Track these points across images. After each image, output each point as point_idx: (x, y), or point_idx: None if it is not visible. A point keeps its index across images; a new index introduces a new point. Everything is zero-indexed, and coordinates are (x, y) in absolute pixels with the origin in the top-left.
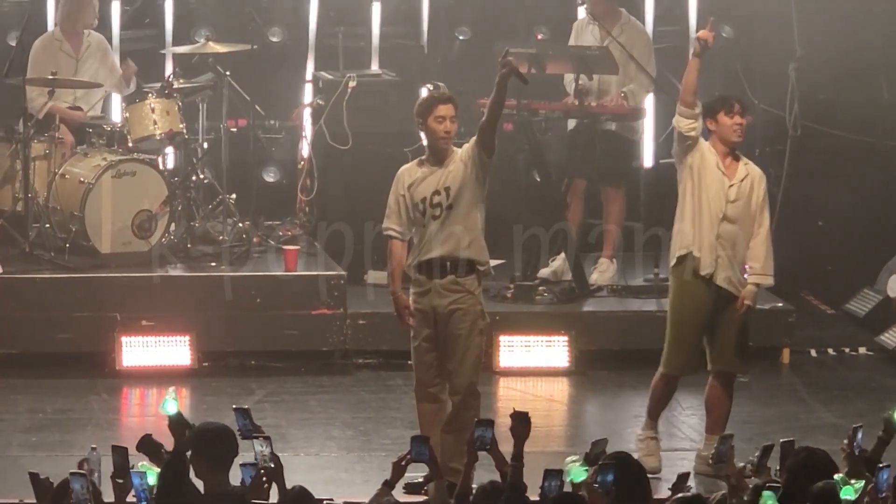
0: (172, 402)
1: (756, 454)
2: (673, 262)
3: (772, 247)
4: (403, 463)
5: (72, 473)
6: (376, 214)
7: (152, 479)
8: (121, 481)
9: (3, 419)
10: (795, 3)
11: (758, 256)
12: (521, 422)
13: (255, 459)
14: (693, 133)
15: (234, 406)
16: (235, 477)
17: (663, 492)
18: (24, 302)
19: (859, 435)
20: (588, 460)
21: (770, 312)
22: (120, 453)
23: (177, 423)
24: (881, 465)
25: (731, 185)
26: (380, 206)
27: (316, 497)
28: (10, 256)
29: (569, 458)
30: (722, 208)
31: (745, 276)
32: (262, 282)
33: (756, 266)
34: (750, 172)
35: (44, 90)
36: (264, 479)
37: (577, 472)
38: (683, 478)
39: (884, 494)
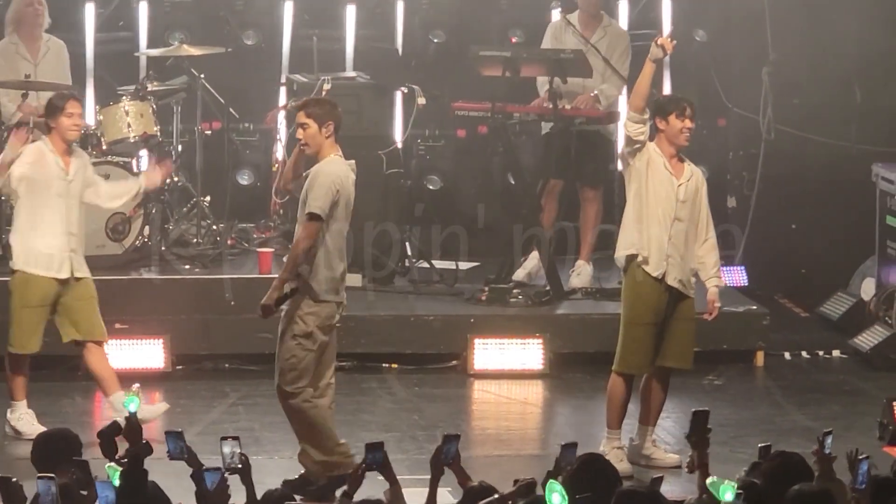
0: (135, 400)
1: (744, 469)
2: (621, 263)
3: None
4: (360, 472)
5: (39, 477)
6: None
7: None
8: (85, 493)
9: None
10: (769, 7)
11: (708, 256)
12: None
13: (223, 462)
14: (641, 137)
15: (166, 430)
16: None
17: None
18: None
19: (829, 440)
20: (558, 465)
21: (744, 315)
22: (81, 466)
23: (135, 423)
24: (860, 457)
25: (680, 185)
26: (355, 208)
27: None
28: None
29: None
30: (673, 208)
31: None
32: (236, 284)
33: (710, 266)
34: (694, 173)
35: (13, 95)
36: (228, 484)
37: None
38: (657, 481)
39: (863, 486)
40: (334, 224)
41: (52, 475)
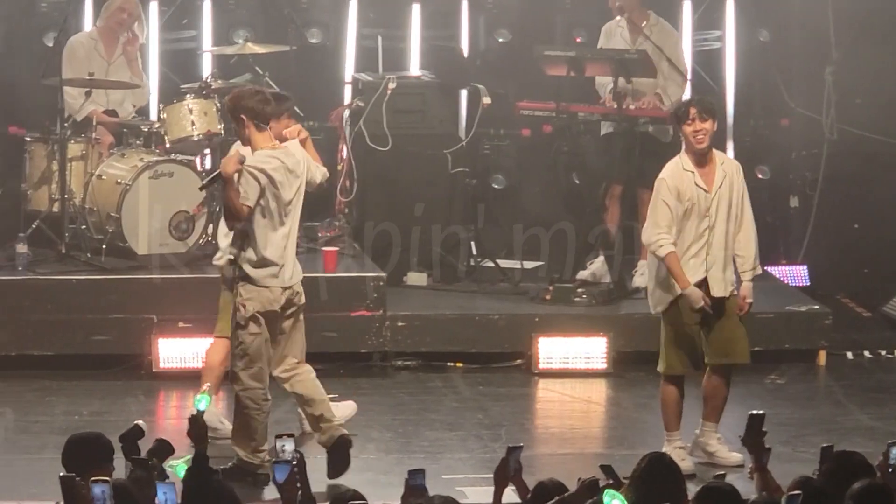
0: (206, 399)
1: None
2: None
3: (756, 234)
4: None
5: (93, 481)
6: (416, 216)
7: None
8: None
9: (38, 421)
10: (832, 7)
11: (746, 249)
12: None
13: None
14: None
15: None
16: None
17: None
18: (60, 304)
19: (894, 451)
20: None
21: (806, 315)
22: (144, 465)
23: (200, 422)
24: (890, 442)
25: (712, 198)
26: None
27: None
28: (47, 258)
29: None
30: (710, 221)
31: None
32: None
33: (747, 259)
34: (727, 171)
35: (82, 91)
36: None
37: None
38: (719, 478)
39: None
40: (274, 214)
41: (107, 479)
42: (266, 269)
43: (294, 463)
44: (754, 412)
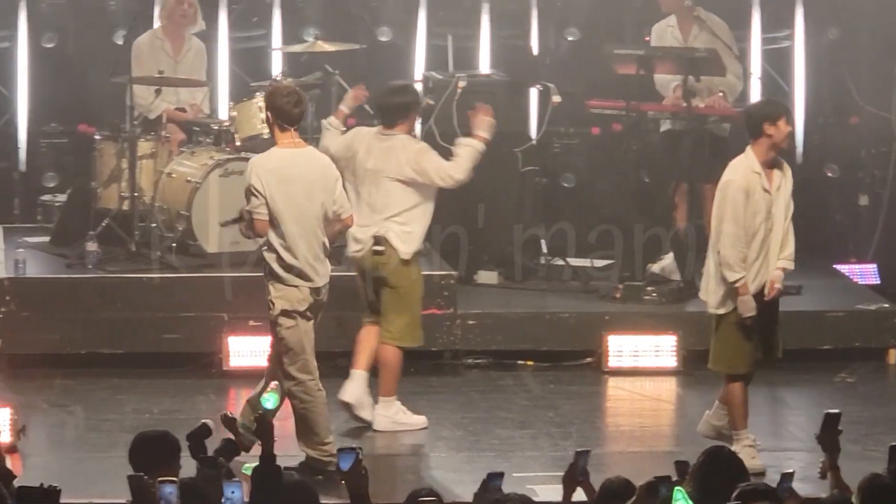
0: (274, 397)
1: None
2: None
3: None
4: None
5: (160, 481)
6: (487, 214)
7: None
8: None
9: (108, 419)
10: None
11: (787, 243)
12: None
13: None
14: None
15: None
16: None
17: None
18: (130, 302)
19: None
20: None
21: (876, 313)
22: (211, 464)
23: (268, 421)
24: None
25: (774, 200)
26: (491, 205)
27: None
28: (116, 256)
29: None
30: (768, 227)
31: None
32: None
33: (784, 252)
34: (784, 171)
35: (151, 90)
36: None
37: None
38: (788, 477)
39: None
40: (280, 216)
41: (174, 479)
42: (291, 270)
43: (359, 451)
44: (830, 411)
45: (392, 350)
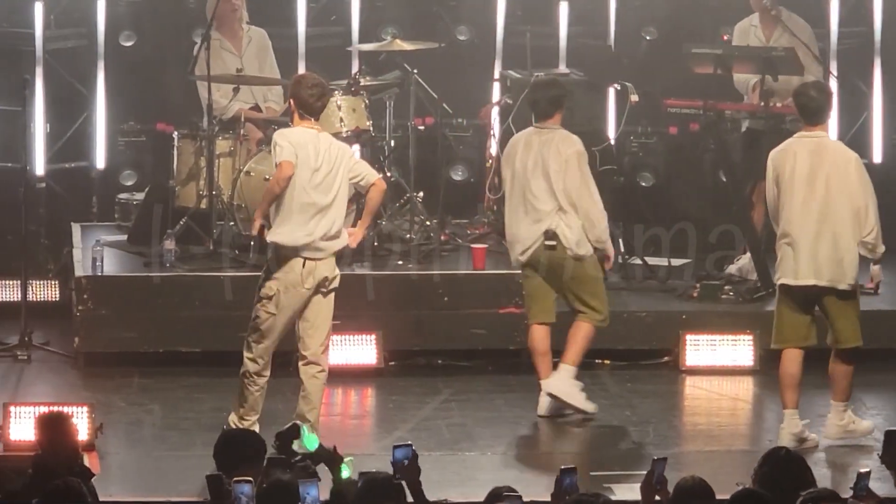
0: (346, 469)
1: None
2: None
3: None
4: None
5: (236, 481)
6: None
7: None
8: None
9: (187, 418)
10: None
11: None
12: None
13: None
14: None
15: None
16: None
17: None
18: (208, 300)
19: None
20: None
21: None
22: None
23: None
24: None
25: None
26: None
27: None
28: (195, 254)
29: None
30: None
31: None
32: (449, 280)
33: None
34: None
35: (224, 90)
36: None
37: None
38: (864, 476)
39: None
40: (302, 188)
41: (250, 479)
42: (298, 244)
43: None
44: (892, 429)
45: (589, 326)
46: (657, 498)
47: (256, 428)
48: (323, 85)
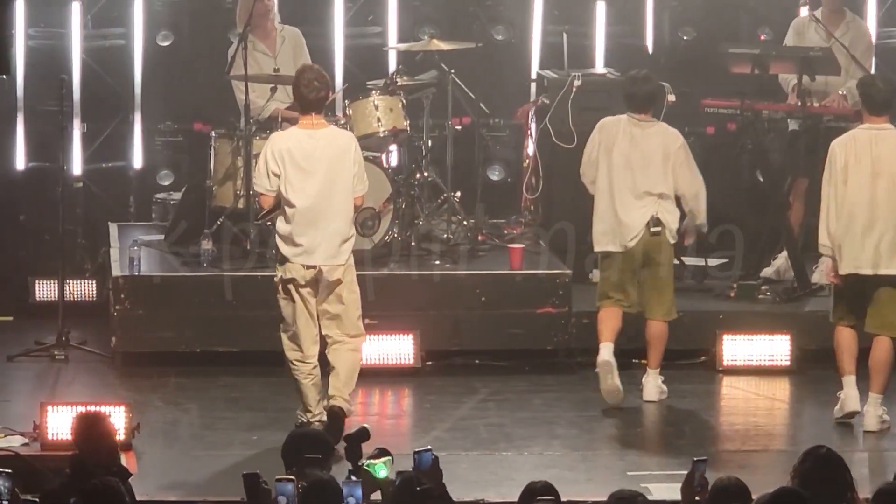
0: (384, 468)
1: None
2: None
3: None
4: None
5: (278, 479)
6: None
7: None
8: None
9: (224, 417)
10: None
11: None
12: None
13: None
14: None
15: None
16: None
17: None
18: (245, 300)
19: None
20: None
21: None
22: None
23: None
24: None
25: None
26: None
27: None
28: (233, 254)
29: None
30: None
31: None
32: (486, 280)
33: None
34: None
35: (261, 91)
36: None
37: None
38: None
39: None
40: (292, 195)
41: (292, 477)
42: (290, 252)
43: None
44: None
45: (664, 326)
46: (696, 499)
47: (323, 418)
48: (322, 79)
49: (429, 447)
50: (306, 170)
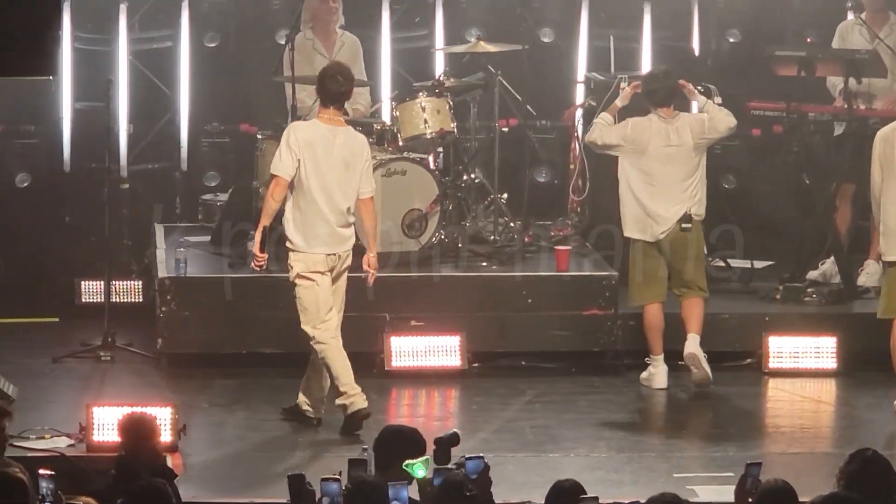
0: (422, 468)
1: None
2: None
3: None
4: None
5: (323, 479)
6: None
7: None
8: None
9: (269, 419)
10: None
11: None
12: None
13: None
14: None
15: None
16: None
17: None
18: (291, 302)
19: None
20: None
21: None
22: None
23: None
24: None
25: None
26: None
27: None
28: (279, 255)
29: None
30: None
31: None
32: (533, 282)
33: None
34: None
35: (310, 90)
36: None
37: None
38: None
39: None
40: (308, 184)
41: (338, 476)
42: (308, 241)
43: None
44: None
45: (702, 301)
46: (749, 501)
47: (364, 397)
48: (347, 75)
49: (481, 454)
50: (324, 163)
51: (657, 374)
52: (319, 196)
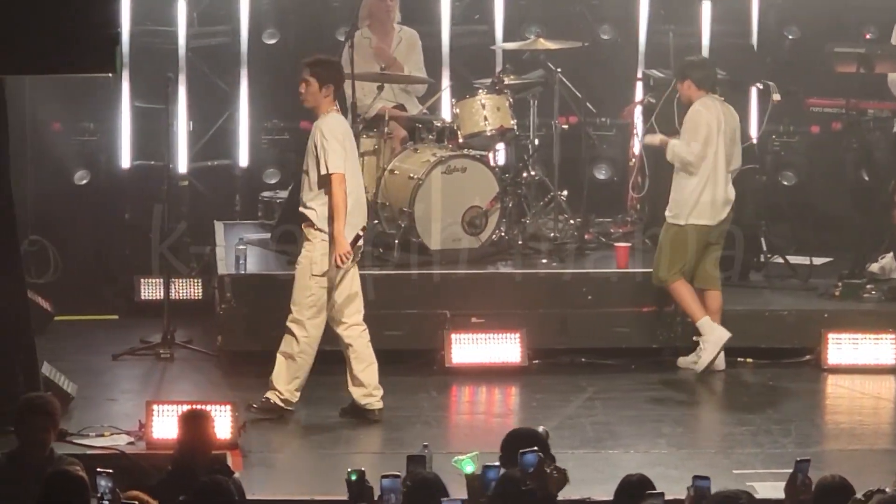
0: (470, 463)
1: None
2: None
3: None
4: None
5: (383, 476)
6: None
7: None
8: None
9: (329, 417)
10: None
11: None
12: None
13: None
14: None
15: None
16: None
17: None
18: None
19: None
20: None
21: None
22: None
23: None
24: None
25: None
26: None
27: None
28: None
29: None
30: None
31: None
32: (593, 279)
33: None
34: None
35: (368, 89)
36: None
37: None
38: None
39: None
40: (348, 172)
41: (398, 474)
42: (349, 226)
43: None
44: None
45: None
46: (801, 498)
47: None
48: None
49: (534, 448)
50: (353, 153)
51: (712, 340)
52: (353, 180)
